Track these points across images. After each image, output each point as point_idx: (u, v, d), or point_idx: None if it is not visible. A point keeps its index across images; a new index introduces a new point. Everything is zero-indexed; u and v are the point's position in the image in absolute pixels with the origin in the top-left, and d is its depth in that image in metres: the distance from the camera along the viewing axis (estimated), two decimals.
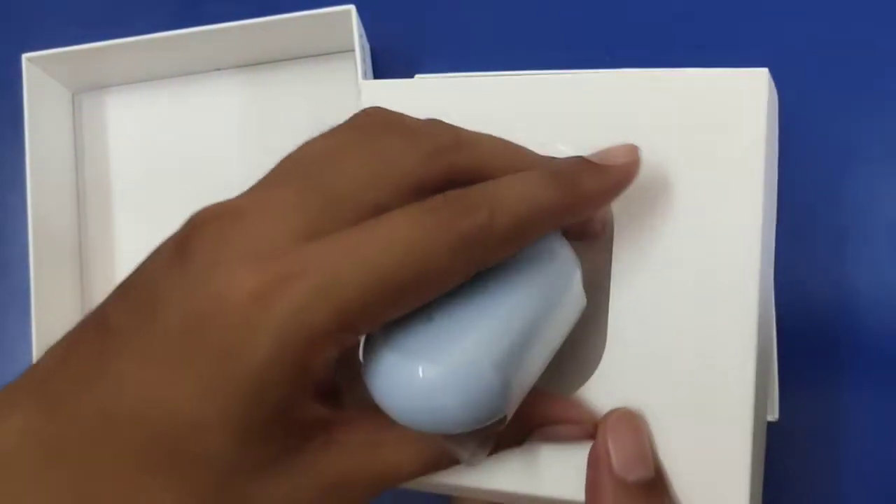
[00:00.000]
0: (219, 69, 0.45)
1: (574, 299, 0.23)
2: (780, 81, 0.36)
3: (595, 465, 0.23)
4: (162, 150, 0.44)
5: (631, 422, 0.23)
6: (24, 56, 0.41)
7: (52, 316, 0.39)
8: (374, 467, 0.21)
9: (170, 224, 0.20)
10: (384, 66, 0.46)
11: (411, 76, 0.46)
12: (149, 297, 0.19)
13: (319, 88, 0.44)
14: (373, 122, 0.22)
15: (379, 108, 0.22)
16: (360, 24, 0.42)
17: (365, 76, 0.41)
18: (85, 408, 0.18)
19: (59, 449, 0.18)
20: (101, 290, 0.43)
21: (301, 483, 0.20)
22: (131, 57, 0.42)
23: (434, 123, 0.22)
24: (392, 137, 0.21)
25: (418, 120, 0.22)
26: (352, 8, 0.40)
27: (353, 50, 0.41)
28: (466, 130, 0.22)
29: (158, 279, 0.19)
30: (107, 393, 0.18)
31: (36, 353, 0.38)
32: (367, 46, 0.44)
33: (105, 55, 0.42)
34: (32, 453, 0.18)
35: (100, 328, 0.19)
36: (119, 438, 0.18)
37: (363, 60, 0.41)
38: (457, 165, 0.21)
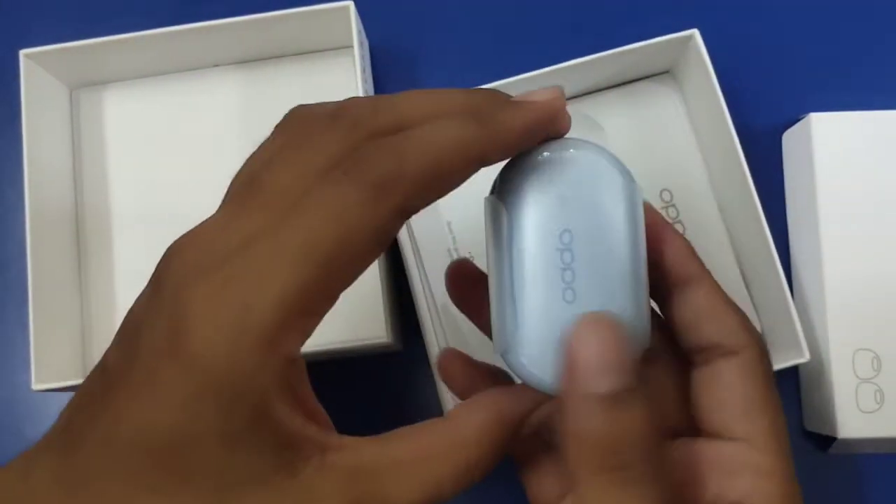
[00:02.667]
0: (217, 65, 0.45)
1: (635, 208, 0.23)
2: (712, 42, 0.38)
3: (563, 376, 0.22)
4: (160, 146, 0.44)
5: (600, 325, 0.21)
6: (22, 52, 0.41)
7: (50, 312, 0.39)
8: (374, 497, 0.20)
9: (168, 220, 0.21)
10: (383, 62, 0.46)
11: (410, 73, 0.46)
12: (133, 331, 0.21)
13: (318, 85, 0.44)
14: (293, 121, 0.23)
15: (299, 106, 0.24)
16: (359, 21, 0.42)
17: (363, 73, 0.41)
18: (91, 445, 0.20)
19: (74, 484, 0.20)
20: (99, 286, 0.43)
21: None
22: (129, 53, 0.42)
23: (351, 99, 0.23)
24: (313, 129, 0.22)
25: (336, 102, 0.23)
26: (350, 4, 0.40)
27: (351, 46, 0.41)
28: (387, 94, 0.23)
29: (138, 313, 0.21)
30: (107, 427, 0.20)
31: (34, 348, 0.38)
32: (366, 43, 0.44)
33: (103, 51, 0.42)
34: (52, 492, 0.20)
35: (101, 371, 0.21)
36: (123, 466, 0.19)
37: (362, 57, 0.41)
38: (378, 129, 0.21)
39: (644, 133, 0.43)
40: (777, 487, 0.23)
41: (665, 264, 0.25)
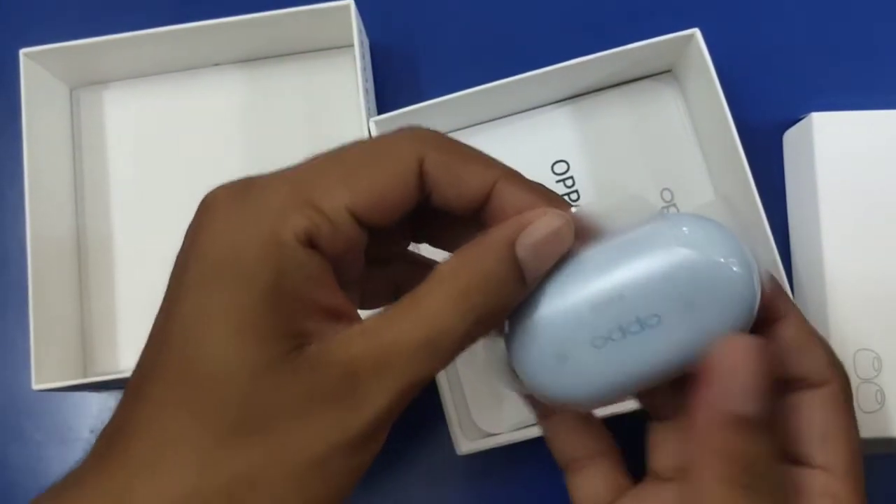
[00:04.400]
0: (217, 64, 0.45)
1: None
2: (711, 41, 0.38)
3: (696, 391, 0.22)
4: (160, 146, 0.44)
5: (744, 347, 0.22)
6: (22, 51, 0.41)
7: (50, 312, 0.39)
8: (373, 350, 0.21)
9: (167, 219, 0.21)
10: (383, 61, 0.45)
11: (410, 71, 0.46)
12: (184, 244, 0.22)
13: (319, 83, 0.44)
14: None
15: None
16: (360, 19, 0.42)
17: (364, 71, 0.41)
18: (148, 357, 0.22)
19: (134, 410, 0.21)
20: (99, 284, 0.43)
21: (304, 386, 0.20)
22: (129, 52, 0.42)
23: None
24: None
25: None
26: (351, 3, 0.40)
27: (352, 45, 0.41)
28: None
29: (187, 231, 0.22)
30: (154, 344, 0.22)
31: (34, 348, 0.38)
32: (367, 41, 0.44)
33: (103, 50, 0.42)
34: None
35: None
36: (162, 375, 0.21)
37: (362, 55, 0.41)
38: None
39: (645, 132, 0.42)
40: None
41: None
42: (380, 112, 0.40)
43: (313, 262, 0.21)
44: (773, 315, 0.25)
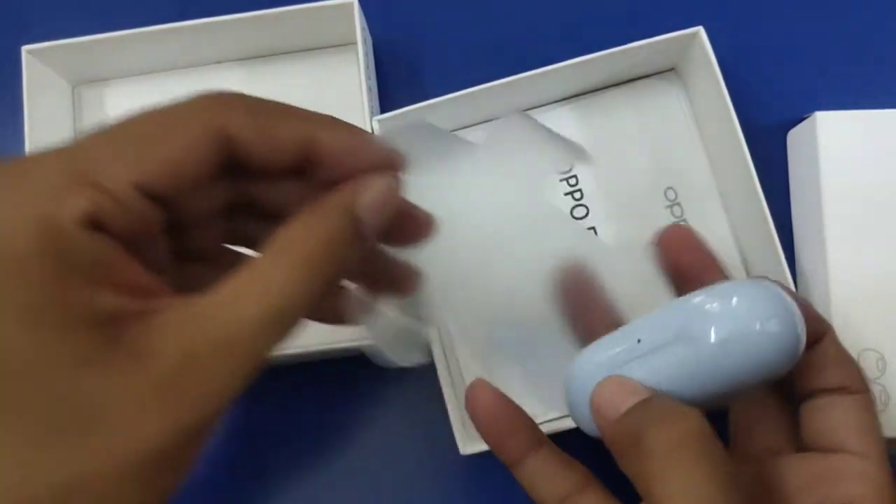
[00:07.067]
0: (220, 61, 0.45)
1: None
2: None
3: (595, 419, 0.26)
4: None
5: (608, 381, 0.26)
6: (24, 48, 0.41)
7: None
8: (212, 331, 0.20)
9: None
10: (386, 59, 0.45)
11: (413, 70, 0.46)
12: None
13: (321, 81, 0.44)
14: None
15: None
16: (363, 17, 0.41)
17: (367, 69, 0.41)
18: None
19: None
20: None
21: (135, 376, 0.19)
22: (132, 49, 0.42)
23: None
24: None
25: None
26: (354, 0, 0.40)
27: (355, 43, 0.41)
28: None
29: None
30: None
31: None
32: (370, 39, 0.44)
33: (106, 47, 0.42)
34: None
35: None
36: None
37: (365, 53, 0.41)
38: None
39: (648, 131, 0.42)
40: (886, 500, 0.26)
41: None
42: (383, 111, 0.40)
43: (98, 246, 0.20)
44: (814, 336, 0.28)
